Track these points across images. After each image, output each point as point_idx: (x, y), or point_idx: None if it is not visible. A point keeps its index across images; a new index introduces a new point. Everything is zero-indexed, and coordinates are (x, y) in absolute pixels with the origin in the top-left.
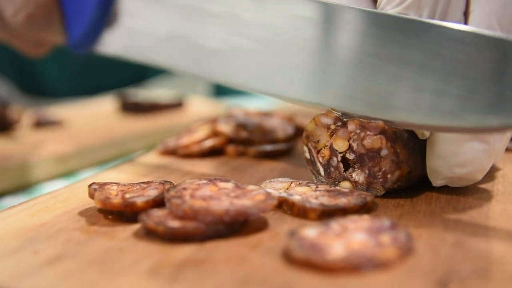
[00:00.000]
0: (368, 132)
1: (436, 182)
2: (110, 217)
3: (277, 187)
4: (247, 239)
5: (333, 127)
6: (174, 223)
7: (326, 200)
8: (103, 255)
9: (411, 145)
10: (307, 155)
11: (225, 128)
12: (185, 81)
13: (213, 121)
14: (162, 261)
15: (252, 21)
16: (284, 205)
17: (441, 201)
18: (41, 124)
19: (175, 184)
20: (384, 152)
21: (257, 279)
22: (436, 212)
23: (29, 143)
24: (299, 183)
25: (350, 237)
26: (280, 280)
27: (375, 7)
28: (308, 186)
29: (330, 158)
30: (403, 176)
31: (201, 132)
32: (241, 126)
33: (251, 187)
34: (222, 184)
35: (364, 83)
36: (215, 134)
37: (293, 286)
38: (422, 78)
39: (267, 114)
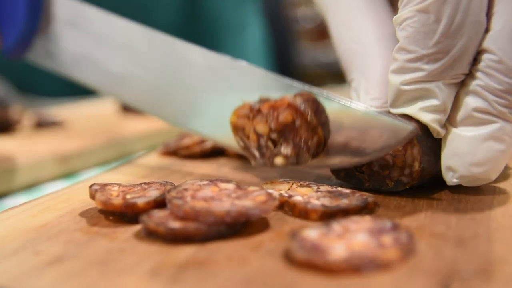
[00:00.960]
0: (279, 110)
1: (452, 180)
2: (111, 218)
3: (278, 188)
4: (248, 240)
5: (251, 115)
6: (175, 224)
7: (327, 201)
8: (104, 256)
9: (426, 143)
10: (241, 143)
11: None
12: None
13: None
14: (163, 262)
15: (144, 53)
16: (285, 206)
17: (442, 202)
18: (42, 124)
19: (176, 185)
20: (297, 123)
21: (258, 280)
22: (438, 213)
23: (30, 143)
24: (300, 184)
25: (352, 238)
26: (281, 281)
27: (391, 8)
28: (310, 187)
29: (259, 140)
30: (321, 142)
31: None
32: None
33: (252, 188)
34: (223, 185)
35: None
36: None
37: (294, 287)
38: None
39: None
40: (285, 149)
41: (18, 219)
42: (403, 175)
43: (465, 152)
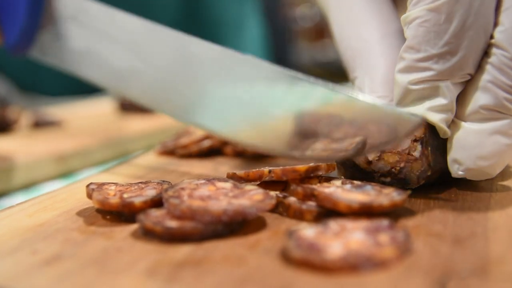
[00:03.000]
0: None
1: (457, 173)
2: (108, 217)
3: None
4: (245, 239)
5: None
6: (172, 223)
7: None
8: (101, 255)
9: (433, 143)
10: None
11: None
12: None
13: None
14: (160, 261)
15: (148, 47)
16: (280, 207)
17: (439, 201)
18: (39, 124)
19: (173, 184)
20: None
21: (255, 279)
22: (435, 212)
23: (28, 143)
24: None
25: (348, 236)
26: (278, 280)
27: (394, 5)
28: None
29: None
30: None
31: (199, 132)
32: None
33: (249, 187)
34: (220, 184)
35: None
36: (213, 134)
37: (291, 286)
38: None
39: None
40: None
41: (15, 219)
42: (412, 178)
43: (472, 145)
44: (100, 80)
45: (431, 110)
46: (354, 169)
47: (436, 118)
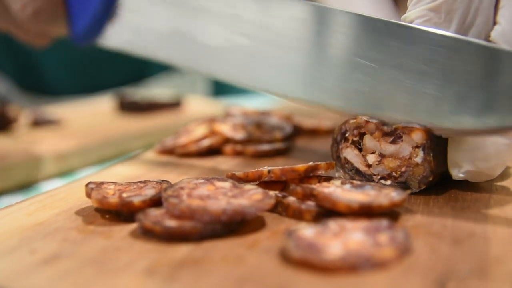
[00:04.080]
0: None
1: (458, 175)
2: (107, 216)
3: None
4: (244, 238)
5: None
6: (171, 223)
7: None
8: (100, 255)
9: (434, 148)
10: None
11: (223, 127)
12: (184, 81)
13: (211, 120)
14: (159, 260)
15: (252, 21)
16: (279, 207)
17: (439, 201)
18: (39, 123)
19: (172, 183)
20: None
21: (254, 279)
22: (434, 212)
23: (27, 142)
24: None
25: (348, 236)
26: (277, 280)
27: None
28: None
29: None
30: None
31: (199, 131)
32: (239, 125)
33: (248, 186)
34: (219, 184)
35: (358, 84)
36: (213, 133)
37: (290, 286)
38: (416, 82)
39: (265, 114)
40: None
41: (14, 217)
42: (413, 182)
43: (471, 147)
44: (186, 62)
45: None
46: (353, 172)
47: None
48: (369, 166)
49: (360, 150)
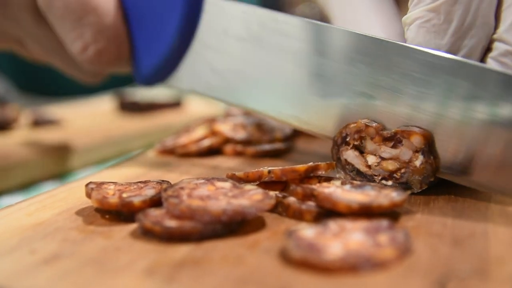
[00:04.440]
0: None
1: None
2: (107, 216)
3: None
4: (244, 239)
5: None
6: (171, 223)
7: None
8: (100, 255)
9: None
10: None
11: (223, 127)
12: None
13: (211, 120)
14: (159, 261)
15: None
16: (279, 207)
17: (439, 201)
18: (39, 123)
19: (172, 183)
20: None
21: (254, 279)
22: (434, 212)
23: (27, 142)
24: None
25: (348, 237)
26: (277, 280)
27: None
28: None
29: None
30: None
31: (199, 131)
32: (239, 125)
33: (248, 187)
34: (219, 184)
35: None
36: (213, 133)
37: (290, 287)
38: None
39: None
40: None
41: (14, 218)
42: (414, 182)
43: None
44: (261, 106)
45: None
46: (354, 173)
47: None
48: (369, 167)
49: (361, 152)
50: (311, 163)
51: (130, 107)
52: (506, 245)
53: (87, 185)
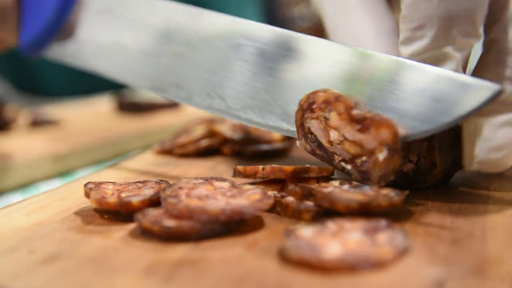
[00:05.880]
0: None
1: (471, 167)
2: (105, 216)
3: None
4: (243, 238)
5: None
6: (170, 223)
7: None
8: (99, 255)
9: (442, 141)
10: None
11: (222, 127)
12: None
13: (210, 120)
14: (157, 260)
15: (185, 31)
16: (278, 206)
17: (437, 201)
18: (37, 123)
19: (171, 183)
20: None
21: (253, 279)
22: (433, 212)
23: (26, 142)
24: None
25: (346, 236)
26: (276, 280)
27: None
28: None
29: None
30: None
31: (198, 131)
32: (238, 125)
33: (247, 186)
34: (218, 184)
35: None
36: (211, 133)
37: (289, 286)
38: None
39: None
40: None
41: (13, 218)
42: (373, 175)
43: (484, 137)
44: (125, 75)
45: None
46: (315, 144)
47: None
48: (331, 143)
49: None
50: (300, 166)
51: (129, 108)
52: (504, 245)
53: (86, 185)
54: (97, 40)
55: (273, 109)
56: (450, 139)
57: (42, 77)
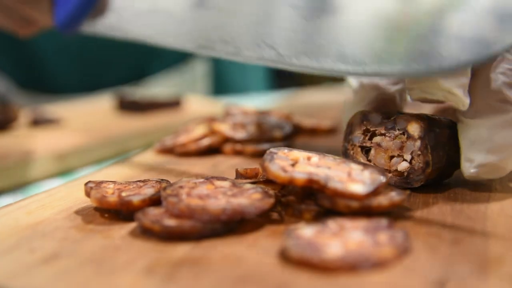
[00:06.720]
0: None
1: (469, 171)
2: (106, 215)
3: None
4: (243, 237)
5: None
6: (171, 222)
7: None
8: (99, 254)
9: (433, 139)
10: None
11: (223, 126)
12: (184, 80)
13: (211, 119)
14: (158, 260)
15: None
16: (278, 206)
17: (438, 201)
18: (38, 122)
19: (172, 182)
20: None
21: (254, 278)
22: (434, 212)
23: (26, 141)
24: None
25: (347, 236)
26: (277, 279)
27: None
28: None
29: None
30: None
31: (199, 130)
32: (238, 124)
33: (248, 185)
34: (219, 183)
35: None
36: (212, 132)
37: (289, 285)
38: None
39: (264, 113)
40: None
41: (14, 216)
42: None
43: (482, 140)
44: (168, 39)
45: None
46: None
47: (460, 92)
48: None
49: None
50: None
51: (130, 106)
52: (505, 245)
53: (86, 184)
54: (135, 6)
55: (328, 52)
56: (444, 138)
57: (43, 74)
